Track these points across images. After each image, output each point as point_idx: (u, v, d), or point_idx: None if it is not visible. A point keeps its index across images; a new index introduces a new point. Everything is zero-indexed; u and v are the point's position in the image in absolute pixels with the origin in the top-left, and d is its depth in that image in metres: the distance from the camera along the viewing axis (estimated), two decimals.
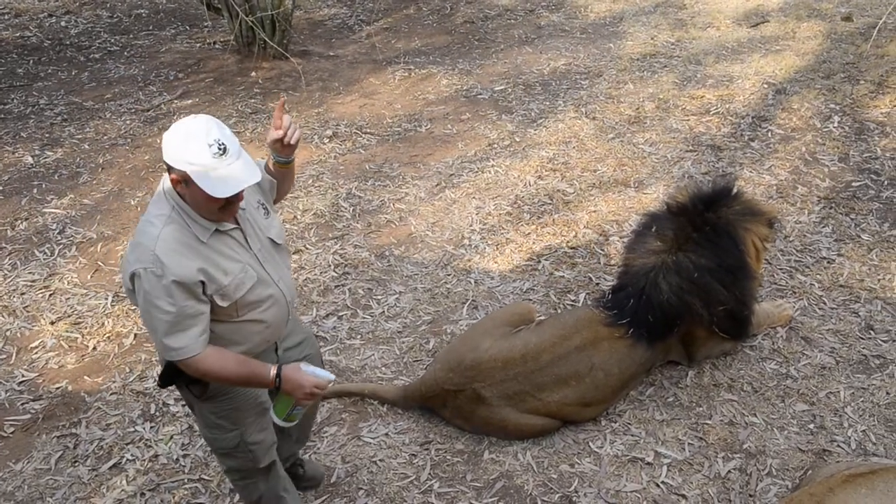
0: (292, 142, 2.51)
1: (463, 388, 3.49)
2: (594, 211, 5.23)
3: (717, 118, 6.33)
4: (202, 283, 2.27)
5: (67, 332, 4.39)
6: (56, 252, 5.10)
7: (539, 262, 4.76)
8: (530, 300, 4.43)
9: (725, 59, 7.49)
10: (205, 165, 2.16)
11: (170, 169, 2.23)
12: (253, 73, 7.80)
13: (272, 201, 2.68)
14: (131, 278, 2.26)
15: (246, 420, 2.66)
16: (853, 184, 5.35)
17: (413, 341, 4.22)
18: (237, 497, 3.32)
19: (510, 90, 7.18)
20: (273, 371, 2.45)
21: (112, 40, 8.88)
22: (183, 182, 2.22)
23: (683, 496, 3.28)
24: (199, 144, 2.16)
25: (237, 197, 2.25)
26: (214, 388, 2.53)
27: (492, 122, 6.60)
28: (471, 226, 5.18)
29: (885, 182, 5.34)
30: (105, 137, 6.61)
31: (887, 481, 2.73)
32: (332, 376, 2.54)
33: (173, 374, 2.49)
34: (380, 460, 3.53)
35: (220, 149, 2.18)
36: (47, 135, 6.69)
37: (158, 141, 6.49)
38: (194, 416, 2.77)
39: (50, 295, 4.70)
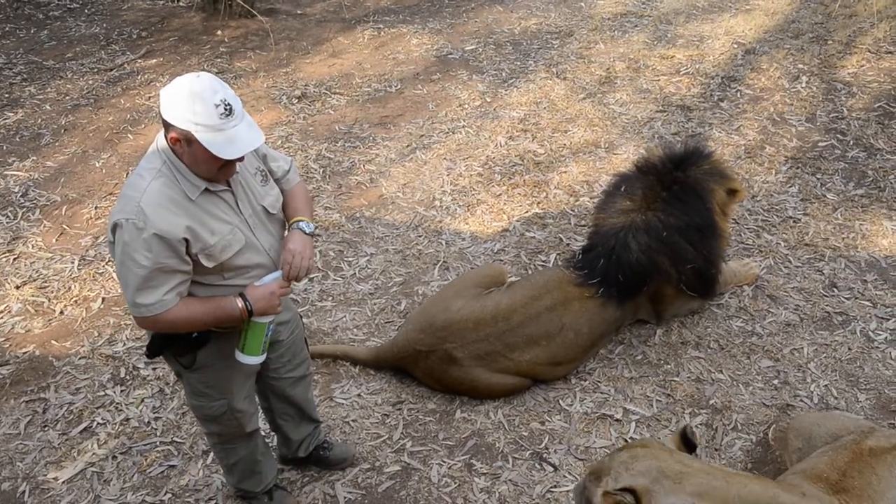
0: (299, 277, 2.48)
1: (434, 349, 3.51)
2: (565, 172, 5.24)
3: (688, 78, 6.34)
4: (186, 240, 2.23)
5: (33, 296, 4.32)
6: (19, 215, 4.99)
7: (510, 222, 4.77)
8: (501, 261, 4.45)
9: (696, 18, 7.47)
10: (211, 126, 2.14)
11: (169, 127, 2.19)
12: (219, 32, 7.63)
13: (272, 172, 2.60)
14: (113, 229, 2.22)
15: (233, 389, 2.65)
16: (820, 144, 5.41)
17: (384, 303, 4.22)
18: (210, 458, 3.33)
19: (481, 50, 7.11)
20: (238, 301, 2.37)
21: None
22: (184, 140, 2.19)
23: None
24: (205, 105, 2.13)
25: (239, 158, 2.23)
26: (203, 358, 2.51)
27: (463, 82, 6.54)
28: (442, 187, 5.16)
29: (851, 142, 5.40)
30: (67, 98, 6.45)
31: None
32: (278, 272, 2.47)
33: (162, 344, 2.46)
34: (352, 420, 3.55)
35: (226, 109, 2.16)
36: (7, 95, 6.50)
37: (123, 101, 6.35)
38: (181, 384, 2.74)
39: (14, 259, 4.62)
